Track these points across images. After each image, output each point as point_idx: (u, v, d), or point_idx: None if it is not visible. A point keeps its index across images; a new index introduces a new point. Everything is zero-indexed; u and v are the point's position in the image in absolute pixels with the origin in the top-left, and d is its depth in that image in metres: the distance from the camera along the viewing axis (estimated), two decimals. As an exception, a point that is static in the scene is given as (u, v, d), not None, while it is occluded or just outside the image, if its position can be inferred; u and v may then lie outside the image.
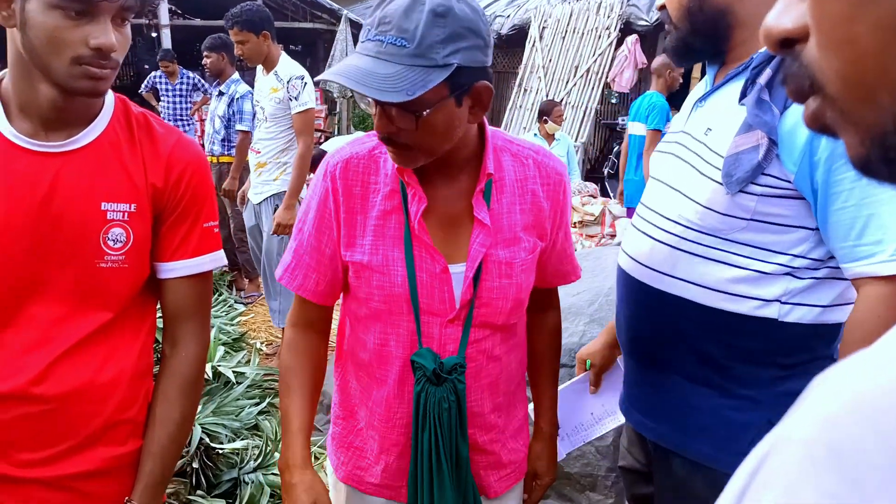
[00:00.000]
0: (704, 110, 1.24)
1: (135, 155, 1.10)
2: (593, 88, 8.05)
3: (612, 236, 4.79)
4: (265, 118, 3.49)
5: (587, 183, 6.04)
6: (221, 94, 4.50)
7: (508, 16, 9.49)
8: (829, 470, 0.27)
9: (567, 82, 8.25)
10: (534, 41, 8.68)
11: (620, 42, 7.92)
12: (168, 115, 6.81)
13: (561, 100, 7.70)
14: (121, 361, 1.12)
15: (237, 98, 4.39)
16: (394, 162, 1.08)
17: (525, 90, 8.63)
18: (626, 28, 8.02)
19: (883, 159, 0.34)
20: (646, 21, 7.91)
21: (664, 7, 1.27)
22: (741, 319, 1.15)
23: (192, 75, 7.00)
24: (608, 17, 8.10)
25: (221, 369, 2.88)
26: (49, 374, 1.05)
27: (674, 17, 1.24)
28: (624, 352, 1.40)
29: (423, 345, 1.14)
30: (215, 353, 2.99)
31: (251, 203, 3.70)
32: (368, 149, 1.16)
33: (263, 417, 2.77)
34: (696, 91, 1.33)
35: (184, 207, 1.14)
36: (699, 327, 1.19)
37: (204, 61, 4.50)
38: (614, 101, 9.58)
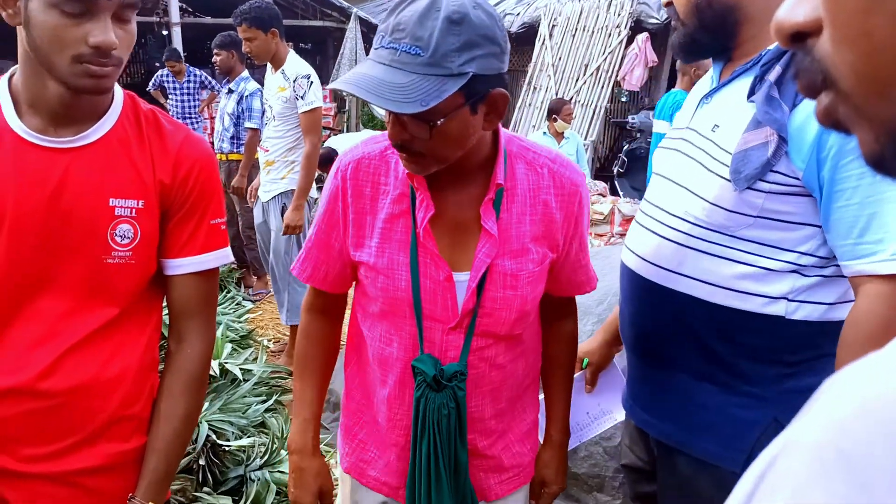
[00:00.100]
0: (711, 107, 1.23)
1: (143, 151, 1.10)
2: (603, 87, 8.02)
3: (622, 235, 4.78)
4: (273, 117, 3.48)
5: (596, 182, 6.02)
6: (231, 92, 4.51)
7: (518, 14, 9.46)
8: (838, 474, 0.27)
9: (577, 80, 8.22)
10: (543, 39, 8.66)
11: (631, 40, 7.89)
12: (176, 113, 6.83)
13: (570, 98, 7.68)
14: (126, 357, 1.13)
15: (246, 95, 4.40)
16: (406, 169, 1.07)
17: (534, 88, 8.61)
18: (637, 26, 7.99)
19: None
20: (656, 19, 7.88)
21: (671, 3, 1.26)
22: (748, 316, 1.14)
23: (200, 73, 7.02)
24: (618, 15, 8.06)
25: (229, 366, 2.88)
26: (55, 370, 1.06)
27: (681, 14, 1.23)
28: (627, 349, 1.40)
29: (425, 350, 1.14)
30: (222, 351, 2.99)
31: (260, 200, 3.71)
32: (380, 149, 1.15)
33: (270, 415, 2.77)
34: (701, 87, 1.32)
35: (191, 204, 1.14)
36: (705, 324, 1.19)
37: (214, 59, 4.51)
38: (624, 100, 9.54)
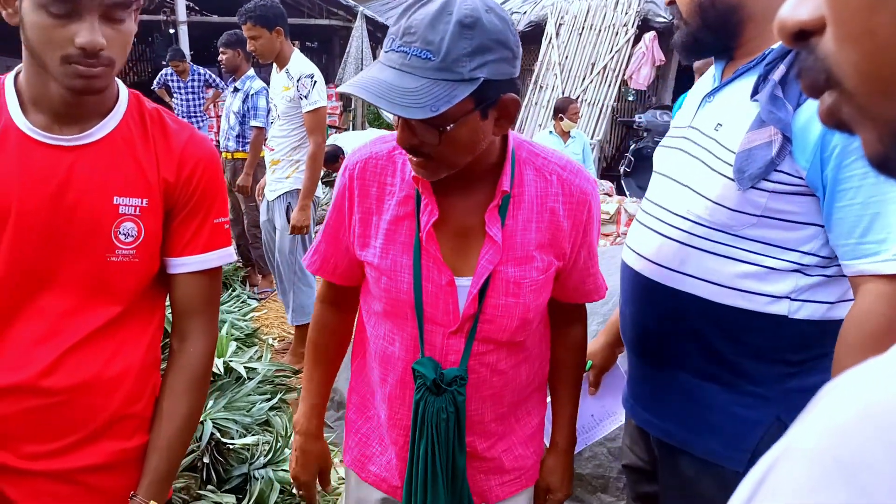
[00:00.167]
0: (713, 105, 1.23)
1: (148, 150, 1.10)
2: (610, 86, 8.00)
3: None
4: (278, 116, 3.48)
5: (603, 181, 6.01)
6: (237, 91, 4.51)
7: (525, 12, 9.45)
8: (838, 480, 0.27)
9: (583, 79, 8.20)
10: (550, 38, 8.64)
11: (638, 39, 7.87)
12: (181, 112, 6.86)
13: (577, 97, 7.66)
14: (129, 355, 1.13)
15: (252, 94, 4.41)
16: (415, 174, 1.05)
17: (541, 87, 8.59)
18: (644, 25, 7.96)
19: None
20: (664, 18, 7.85)
21: (673, 2, 1.25)
22: (751, 316, 1.14)
23: (204, 71, 7.04)
24: (626, 14, 8.04)
25: (233, 365, 2.88)
26: (57, 367, 1.06)
27: (684, 13, 1.23)
28: (628, 348, 1.39)
29: (426, 353, 1.14)
30: (227, 349, 2.99)
31: (266, 198, 3.71)
32: (388, 150, 1.15)
33: (274, 413, 2.77)
34: (702, 86, 1.32)
35: (195, 203, 1.14)
36: (708, 323, 1.18)
37: (220, 57, 4.52)
38: (631, 99, 9.50)
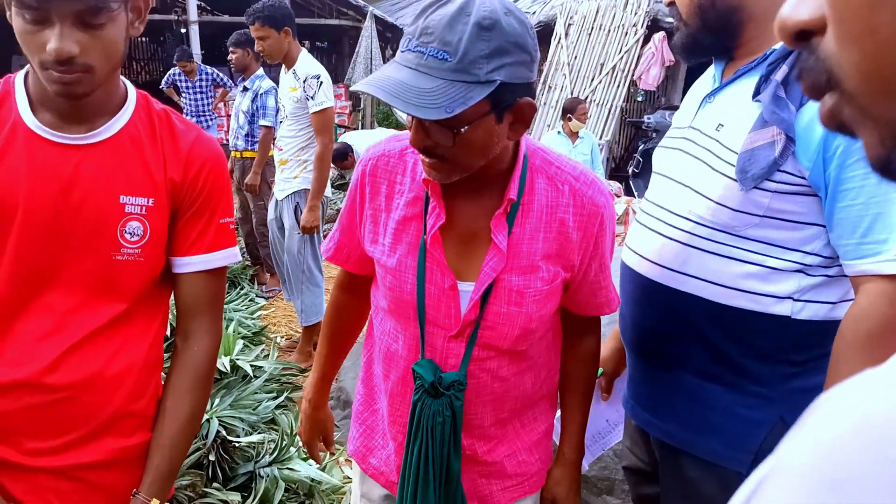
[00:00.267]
0: (714, 106, 1.22)
1: (155, 150, 1.11)
2: (619, 86, 7.96)
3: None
4: (286, 116, 3.49)
5: (611, 182, 5.98)
6: (246, 90, 4.53)
7: (534, 12, 9.42)
8: (828, 501, 0.25)
9: (592, 80, 8.16)
10: (559, 38, 8.61)
11: (647, 39, 7.82)
12: (190, 112, 6.90)
13: (586, 97, 7.63)
14: (132, 353, 1.13)
15: (261, 94, 4.42)
16: (428, 176, 1.04)
17: (550, 87, 8.56)
18: (654, 25, 7.91)
19: None
20: (673, 19, 7.78)
21: (673, 3, 1.25)
22: (754, 316, 1.14)
23: (211, 71, 7.06)
24: (635, 14, 7.99)
25: (240, 363, 2.89)
26: (61, 364, 1.06)
27: (684, 14, 1.23)
28: (629, 349, 1.39)
29: (426, 355, 1.14)
30: (234, 347, 3.00)
31: (275, 198, 3.72)
32: (401, 148, 1.15)
33: (280, 412, 2.78)
34: (701, 87, 1.31)
35: (201, 203, 1.15)
36: (711, 324, 1.18)
37: (230, 57, 4.54)
38: (640, 99, 9.45)
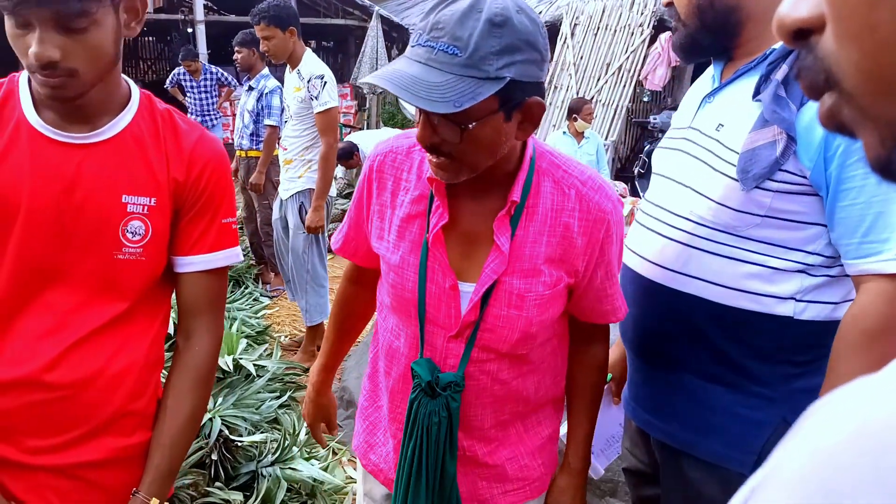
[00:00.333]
0: (714, 106, 1.22)
1: (158, 149, 1.11)
2: (625, 86, 7.94)
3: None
4: (290, 116, 3.49)
5: (617, 182, 5.97)
6: (251, 89, 4.54)
7: (540, 12, 9.40)
8: None
9: (598, 80, 8.14)
10: (565, 38, 8.59)
11: (653, 39, 7.80)
12: (195, 111, 6.92)
13: (591, 97, 7.61)
14: (132, 352, 1.13)
15: (266, 93, 4.43)
16: (435, 175, 1.03)
17: (555, 87, 8.54)
18: (660, 25, 7.89)
19: None
20: (680, 18, 7.76)
21: (671, 3, 1.25)
22: (756, 317, 1.13)
23: (216, 70, 7.08)
24: (641, 14, 7.97)
25: (243, 362, 2.88)
26: (61, 362, 1.06)
27: (682, 15, 1.23)
28: (629, 350, 1.38)
29: (426, 354, 1.13)
30: (237, 346, 2.99)
31: (280, 197, 3.73)
32: (408, 145, 1.15)
33: (283, 411, 2.78)
34: (700, 87, 1.31)
35: (203, 203, 1.15)
36: (713, 325, 1.18)
37: (235, 56, 4.55)
38: (646, 100, 9.44)
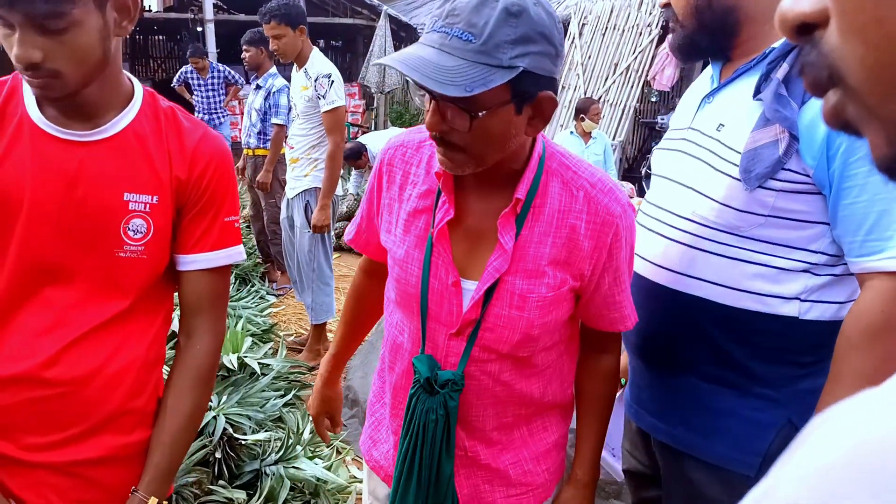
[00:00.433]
0: (713, 106, 1.21)
1: (161, 147, 1.11)
2: (633, 86, 7.91)
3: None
4: (297, 115, 3.50)
5: (624, 182, 5.94)
6: (259, 88, 4.55)
7: (548, 12, 9.38)
8: None
9: (606, 80, 8.12)
10: (573, 38, 8.56)
11: (662, 39, 7.76)
12: (201, 109, 6.95)
13: (599, 97, 7.59)
14: (133, 350, 1.13)
15: (274, 92, 4.43)
16: (442, 166, 1.03)
17: (563, 87, 8.52)
18: (668, 26, 7.85)
19: None
20: (689, 18, 7.72)
21: (668, 4, 1.24)
22: (761, 318, 1.12)
23: (223, 68, 7.11)
24: (650, 14, 7.94)
25: (247, 360, 2.88)
26: (60, 359, 1.06)
27: (680, 15, 1.22)
28: (632, 353, 1.37)
29: (427, 350, 1.13)
30: (242, 344, 3.00)
31: (286, 196, 3.74)
32: (419, 140, 1.15)
33: (287, 410, 2.78)
34: (698, 87, 1.30)
35: (206, 201, 1.14)
36: (717, 326, 1.17)
37: (243, 55, 4.56)
38: (654, 100, 9.40)
